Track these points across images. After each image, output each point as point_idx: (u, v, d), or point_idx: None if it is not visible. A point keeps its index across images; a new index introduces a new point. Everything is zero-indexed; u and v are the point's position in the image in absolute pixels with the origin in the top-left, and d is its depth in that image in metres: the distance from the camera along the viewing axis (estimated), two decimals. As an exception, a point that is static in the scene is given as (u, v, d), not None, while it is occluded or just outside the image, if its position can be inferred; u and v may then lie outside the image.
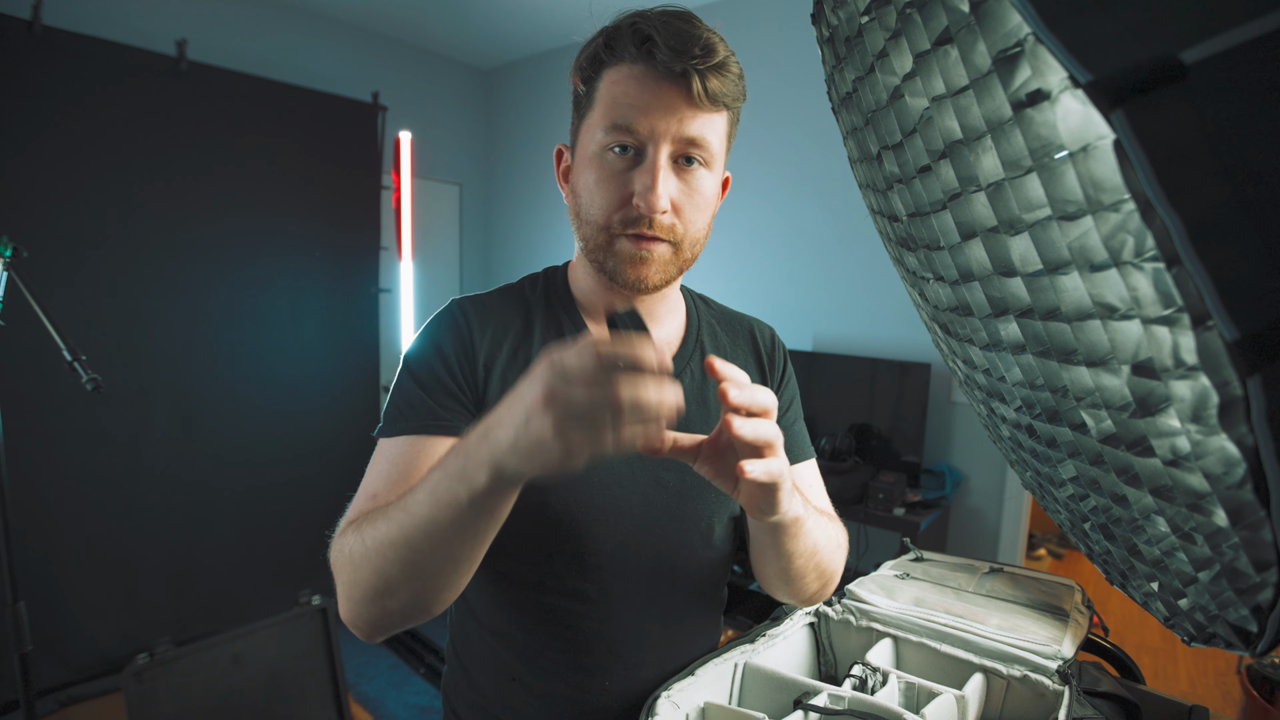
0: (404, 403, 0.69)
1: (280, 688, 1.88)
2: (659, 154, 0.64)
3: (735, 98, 0.67)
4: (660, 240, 0.67)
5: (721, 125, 0.68)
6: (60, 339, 1.43)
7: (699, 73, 0.62)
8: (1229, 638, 0.56)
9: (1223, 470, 0.43)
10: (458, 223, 3.98)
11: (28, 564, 2.09)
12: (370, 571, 0.56)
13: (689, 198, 0.67)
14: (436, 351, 0.70)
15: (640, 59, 0.63)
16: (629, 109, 0.63)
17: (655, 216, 0.65)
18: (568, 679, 0.73)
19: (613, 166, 0.66)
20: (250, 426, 2.81)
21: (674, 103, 0.63)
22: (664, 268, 0.69)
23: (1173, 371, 0.41)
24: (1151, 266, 0.39)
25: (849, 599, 0.88)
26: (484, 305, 0.75)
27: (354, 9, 3.17)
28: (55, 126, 2.28)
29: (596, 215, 0.67)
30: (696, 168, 0.67)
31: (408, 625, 0.61)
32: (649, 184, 0.64)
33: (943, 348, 0.87)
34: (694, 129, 0.64)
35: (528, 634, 0.73)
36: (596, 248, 0.69)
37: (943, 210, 0.59)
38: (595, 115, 0.66)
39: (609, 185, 0.66)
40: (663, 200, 0.64)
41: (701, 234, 0.70)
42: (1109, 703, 0.77)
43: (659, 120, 0.63)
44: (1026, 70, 0.42)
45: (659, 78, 0.63)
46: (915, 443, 2.48)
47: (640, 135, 0.64)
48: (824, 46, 0.76)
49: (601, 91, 0.66)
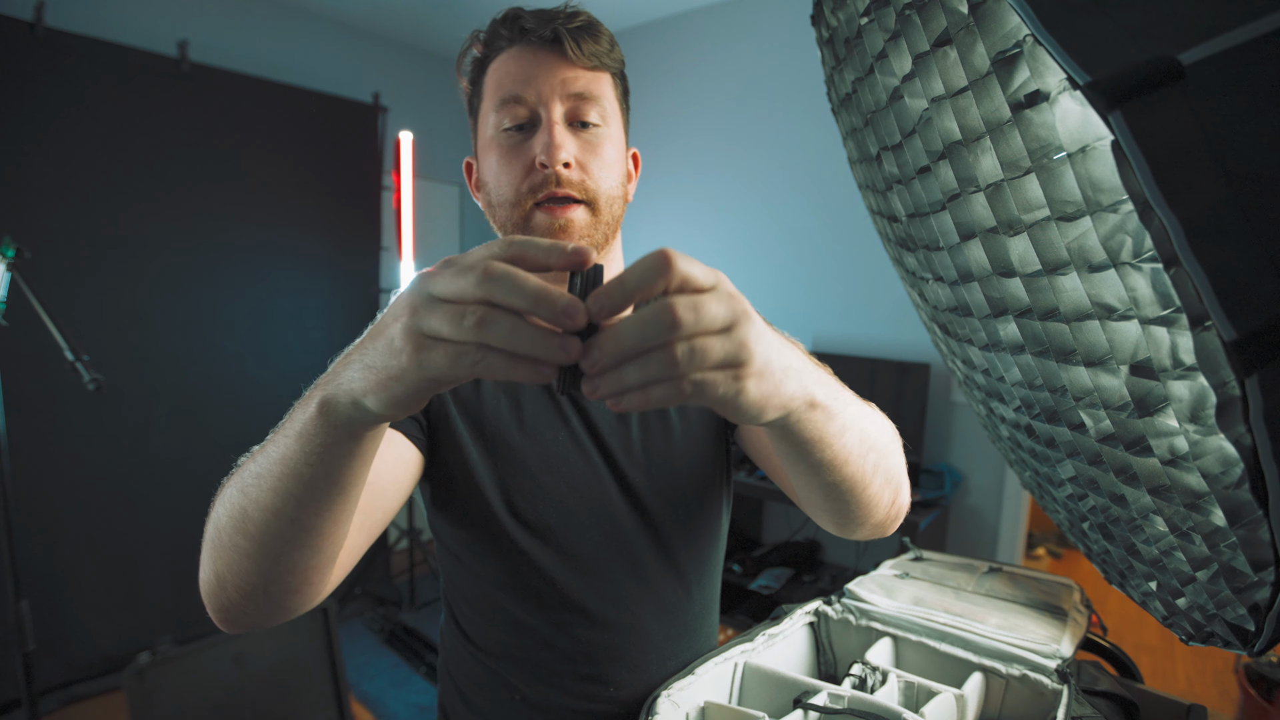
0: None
1: (281, 687, 1.88)
2: (551, 113, 0.65)
3: (613, 59, 0.69)
4: (573, 201, 0.66)
5: (607, 86, 0.69)
6: (62, 339, 1.43)
7: (569, 32, 0.65)
8: (1227, 636, 0.56)
9: (1220, 470, 0.43)
10: (458, 223, 3.98)
11: (30, 563, 2.10)
12: (229, 529, 0.46)
13: (591, 154, 0.67)
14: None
15: (514, 39, 0.67)
16: (513, 82, 0.65)
17: (559, 171, 0.64)
18: (572, 689, 0.72)
19: (510, 142, 0.66)
20: (251, 426, 2.79)
21: (553, 65, 0.65)
22: (586, 230, 0.67)
23: (1171, 371, 0.42)
24: (1150, 267, 0.39)
25: (849, 598, 0.88)
26: None
27: (355, 10, 3.18)
28: (58, 127, 2.29)
29: (506, 193, 0.66)
30: (593, 128, 0.67)
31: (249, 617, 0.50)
32: (547, 141, 0.64)
33: (942, 348, 0.87)
34: (579, 86, 0.66)
35: (526, 650, 0.72)
36: (513, 228, 0.67)
37: (942, 211, 0.59)
38: (485, 104, 0.69)
39: (510, 159, 0.66)
40: (563, 152, 0.64)
41: (617, 193, 0.69)
42: (1107, 702, 0.77)
43: (543, 83, 0.65)
44: (1025, 71, 0.42)
45: (534, 49, 0.66)
46: (915, 443, 2.48)
47: (529, 102, 0.65)
48: (823, 48, 0.76)
49: (488, 82, 0.68)
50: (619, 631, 0.72)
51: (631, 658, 0.73)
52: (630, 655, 0.73)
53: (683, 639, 0.77)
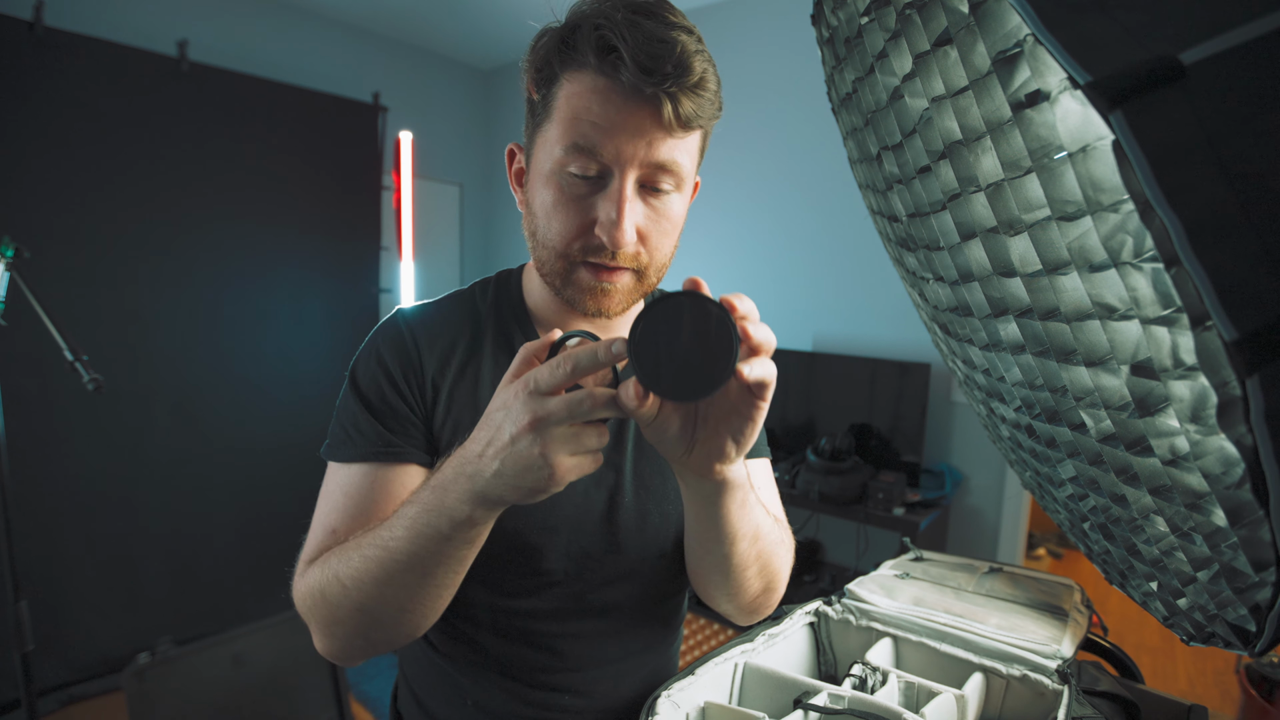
0: (353, 427, 0.65)
1: (281, 687, 1.88)
2: (625, 182, 0.57)
3: (711, 115, 0.59)
4: (623, 270, 0.61)
5: (694, 145, 0.61)
6: (62, 339, 1.43)
7: (671, 95, 0.54)
8: (1228, 637, 0.56)
9: (1221, 470, 0.43)
10: (458, 223, 3.99)
11: (29, 563, 2.09)
12: (352, 609, 0.56)
13: (656, 224, 0.61)
14: (382, 371, 0.67)
15: (604, 71, 0.55)
16: (591, 128, 0.56)
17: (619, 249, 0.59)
18: (526, 697, 0.71)
19: (573, 190, 0.59)
20: (251, 426, 2.81)
21: (642, 124, 0.55)
22: (627, 297, 0.64)
23: (1171, 371, 0.41)
24: (1150, 267, 0.39)
25: (849, 598, 0.88)
26: (429, 319, 0.70)
27: (354, 10, 3.18)
28: (57, 127, 2.29)
29: (554, 241, 0.61)
30: (665, 193, 0.60)
31: (393, 649, 0.62)
32: (614, 217, 0.57)
33: (942, 348, 0.87)
34: (663, 154, 0.57)
35: (481, 655, 0.71)
36: (553, 273, 0.63)
37: (942, 211, 0.59)
38: (552, 129, 0.59)
39: (569, 210, 0.59)
40: (629, 234, 0.58)
41: (667, 258, 0.65)
42: (1108, 702, 0.77)
43: (625, 144, 0.56)
44: (1026, 71, 0.42)
45: (625, 95, 0.55)
46: (915, 442, 2.48)
47: (604, 159, 0.56)
48: (824, 47, 0.76)
49: (559, 102, 0.58)
50: (574, 644, 0.71)
51: (586, 671, 0.72)
52: (585, 669, 0.72)
53: (637, 656, 0.76)
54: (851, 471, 2.37)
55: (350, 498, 0.64)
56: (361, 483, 0.64)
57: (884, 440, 2.55)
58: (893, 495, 2.28)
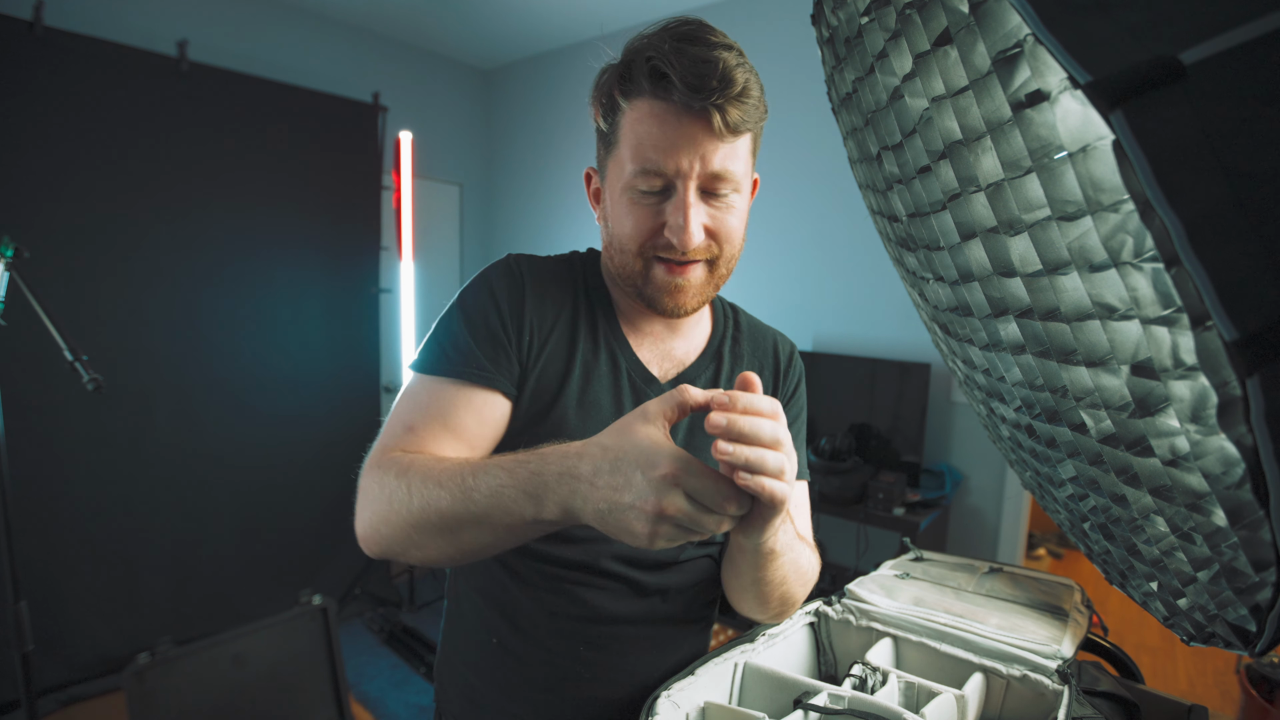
0: (450, 344, 0.70)
1: (281, 687, 1.88)
2: (687, 191, 0.65)
3: (758, 119, 0.67)
4: (695, 263, 0.69)
5: (746, 147, 0.69)
6: (61, 339, 1.43)
7: (718, 107, 0.62)
8: (1228, 637, 0.56)
9: (1222, 470, 0.43)
10: (458, 223, 3.98)
11: (29, 564, 2.09)
12: (408, 521, 0.59)
13: (721, 222, 0.68)
14: (492, 300, 0.72)
15: (658, 95, 0.64)
16: (653, 150, 0.64)
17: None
18: (545, 644, 0.74)
19: (646, 202, 0.67)
20: (251, 426, 2.81)
21: (696, 136, 0.63)
22: (700, 291, 0.71)
23: (1172, 372, 0.41)
24: (1151, 267, 0.39)
25: (849, 599, 0.88)
26: (541, 272, 0.76)
27: (354, 9, 3.17)
28: (57, 127, 2.29)
29: (629, 244, 0.69)
30: (724, 196, 0.68)
31: (419, 566, 0.64)
32: (680, 222, 0.65)
33: (943, 348, 0.87)
34: (718, 162, 0.65)
35: (509, 592, 0.75)
36: (632, 274, 0.71)
37: (942, 211, 0.59)
38: (621, 153, 0.67)
39: (641, 217, 0.68)
40: (696, 237, 0.66)
41: (737, 250, 0.72)
42: (1108, 702, 0.77)
43: (684, 157, 0.64)
44: (1026, 71, 0.42)
45: (679, 113, 0.63)
46: (915, 443, 2.48)
47: (667, 174, 0.65)
48: (824, 47, 0.76)
49: (625, 130, 0.67)
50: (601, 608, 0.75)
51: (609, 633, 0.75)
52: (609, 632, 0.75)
53: (672, 639, 0.79)
54: (851, 471, 2.37)
55: (433, 406, 0.68)
56: (445, 394, 0.69)
57: (884, 440, 2.55)
58: (893, 495, 2.28)
